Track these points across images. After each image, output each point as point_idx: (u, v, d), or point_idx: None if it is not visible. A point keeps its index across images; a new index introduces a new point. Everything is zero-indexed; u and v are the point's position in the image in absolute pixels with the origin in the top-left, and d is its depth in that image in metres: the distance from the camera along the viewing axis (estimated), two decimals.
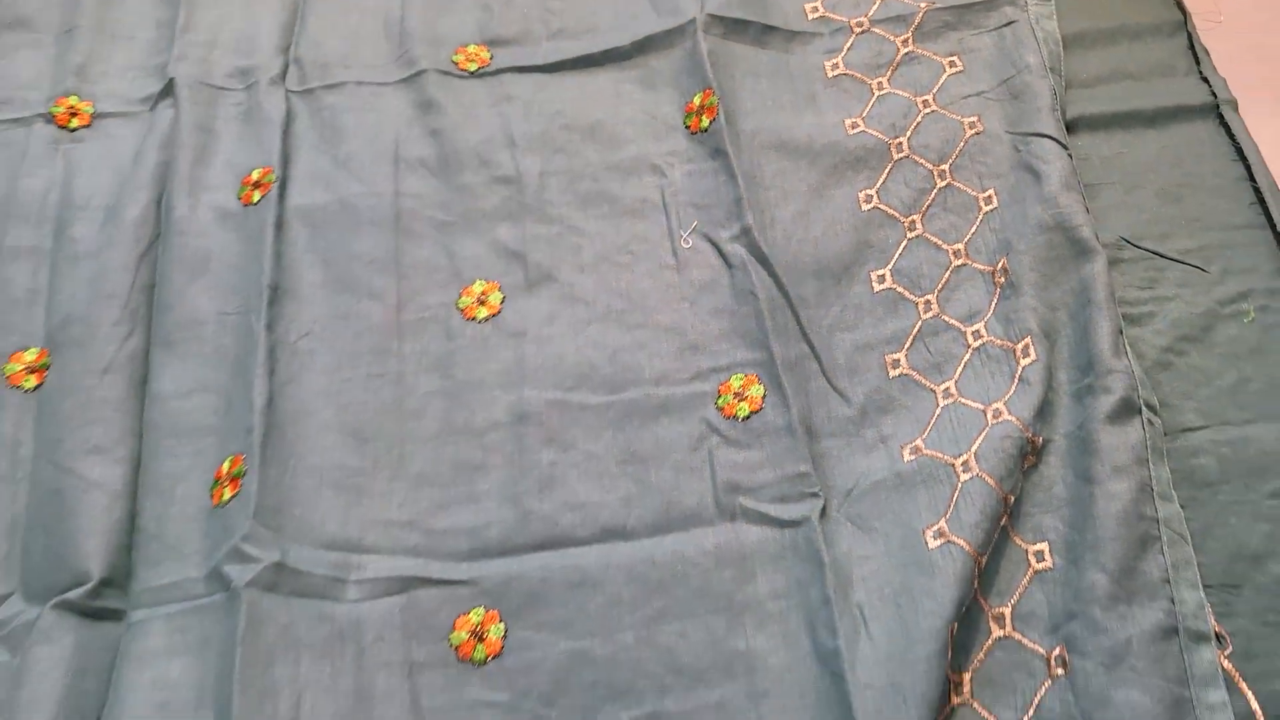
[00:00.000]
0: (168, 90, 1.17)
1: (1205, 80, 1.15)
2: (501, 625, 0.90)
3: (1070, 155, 1.06)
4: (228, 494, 0.94)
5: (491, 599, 0.91)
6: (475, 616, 0.90)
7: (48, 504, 0.94)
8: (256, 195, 1.10)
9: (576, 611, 0.90)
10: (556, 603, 0.90)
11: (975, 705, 0.85)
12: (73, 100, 1.17)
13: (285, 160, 1.12)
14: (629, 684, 0.87)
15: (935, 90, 1.15)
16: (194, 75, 1.18)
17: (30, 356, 1.03)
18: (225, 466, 0.96)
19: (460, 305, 1.05)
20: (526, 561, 0.92)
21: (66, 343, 1.02)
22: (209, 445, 0.98)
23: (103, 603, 0.90)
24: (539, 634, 0.89)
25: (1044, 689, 0.84)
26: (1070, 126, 1.12)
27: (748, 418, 0.97)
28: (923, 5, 1.20)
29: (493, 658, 0.89)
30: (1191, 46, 1.18)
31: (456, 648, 0.89)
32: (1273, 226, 1.05)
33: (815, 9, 1.23)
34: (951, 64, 1.16)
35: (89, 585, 0.89)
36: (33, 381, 1.02)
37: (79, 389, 0.99)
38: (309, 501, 0.94)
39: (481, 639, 0.89)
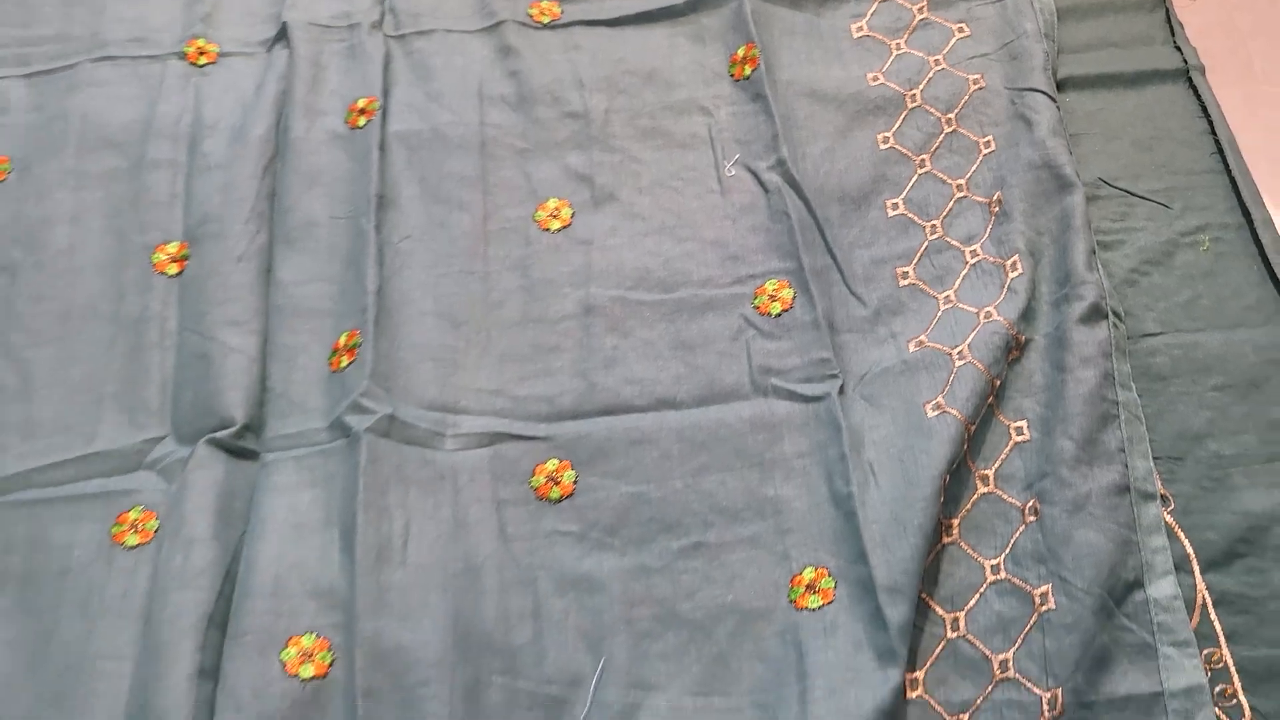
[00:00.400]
0: (282, 34, 1.36)
1: (1178, 49, 1.33)
2: (573, 472, 1.08)
3: (1058, 108, 1.25)
4: (345, 361, 1.13)
5: (564, 452, 1.09)
6: (551, 465, 1.09)
7: (194, 365, 1.13)
8: (362, 120, 1.29)
9: (634, 463, 1.08)
10: (618, 456, 1.09)
11: (962, 544, 1.04)
12: (200, 42, 1.36)
13: (385, 92, 1.30)
14: (677, 520, 1.05)
15: (945, 51, 1.33)
16: (304, 19, 1.36)
17: (172, 249, 1.22)
18: (342, 340, 1.15)
19: (536, 218, 1.24)
20: (593, 423, 1.11)
21: (204, 237, 1.21)
22: (325, 324, 1.17)
23: (243, 444, 1.08)
24: (603, 480, 1.08)
25: (1018, 532, 1.03)
26: (1060, 85, 1.30)
27: (779, 315, 1.16)
28: None
29: (565, 497, 1.07)
30: (1168, 20, 1.35)
31: (535, 489, 1.08)
32: (1229, 173, 1.23)
33: None
34: (960, 29, 1.35)
35: (233, 428, 1.08)
36: (175, 269, 1.21)
37: (217, 274, 1.18)
38: (412, 371, 1.13)
39: (556, 483, 1.08)
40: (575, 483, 1.08)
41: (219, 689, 0.93)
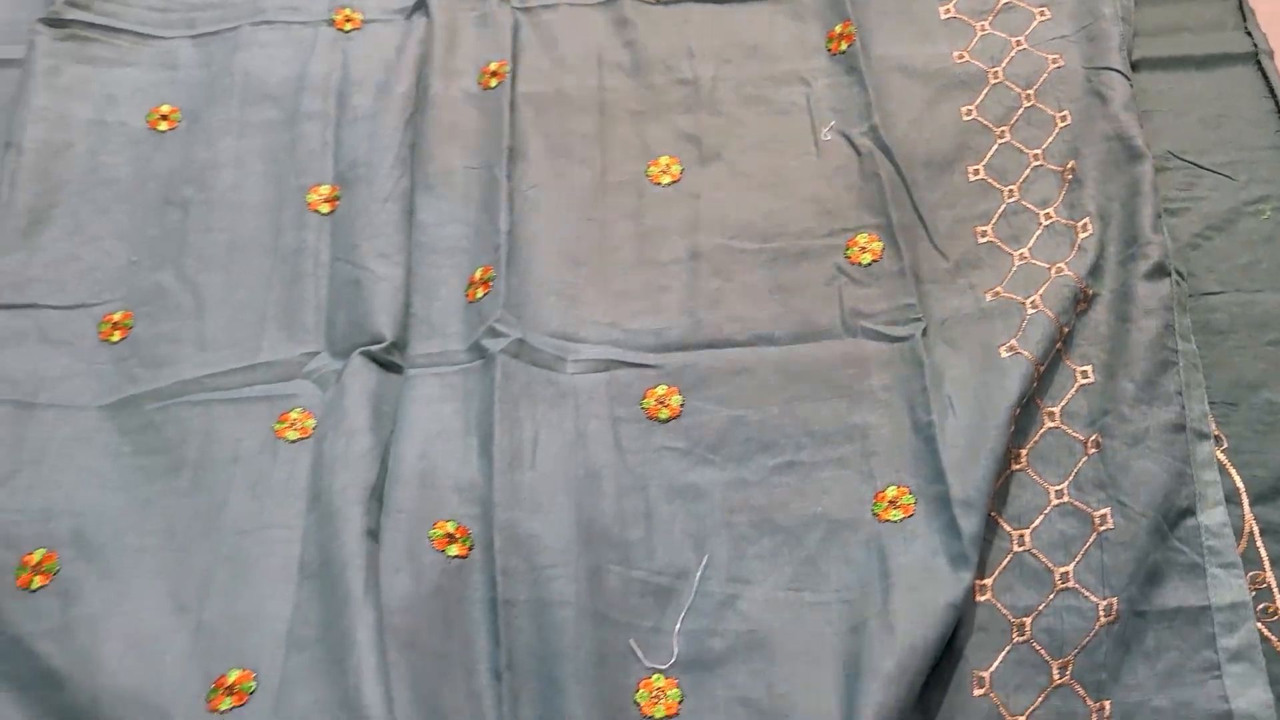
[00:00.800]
0: (420, 4, 1.49)
1: (1249, 34, 1.42)
2: (680, 397, 1.21)
3: (1132, 85, 1.35)
4: (480, 293, 1.27)
5: (672, 379, 1.22)
6: (660, 390, 1.21)
7: (347, 290, 1.27)
8: (493, 81, 1.42)
9: (735, 390, 1.21)
10: (720, 384, 1.21)
11: (1030, 472, 1.15)
12: (347, 11, 1.50)
13: (515, 57, 1.44)
14: (773, 441, 1.18)
15: (1027, 33, 1.44)
16: None
17: (324, 190, 1.36)
18: (478, 274, 1.28)
19: (649, 173, 1.37)
20: (698, 355, 1.23)
21: (353, 180, 1.35)
22: (462, 261, 1.30)
23: (391, 358, 1.23)
24: (707, 404, 1.20)
25: (1081, 462, 1.14)
26: (1134, 66, 1.39)
27: (869, 264, 1.28)
28: None
29: (673, 418, 1.20)
30: (1240, 6, 1.45)
31: (646, 410, 1.21)
32: None
33: None
34: (1041, 13, 1.45)
35: (383, 344, 1.22)
36: (327, 208, 1.35)
37: (365, 213, 1.32)
38: (538, 303, 1.26)
39: (665, 405, 1.21)
40: (682, 406, 1.21)
41: (381, 550, 1.07)
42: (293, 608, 1.07)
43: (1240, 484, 1.13)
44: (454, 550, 1.09)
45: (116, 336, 1.27)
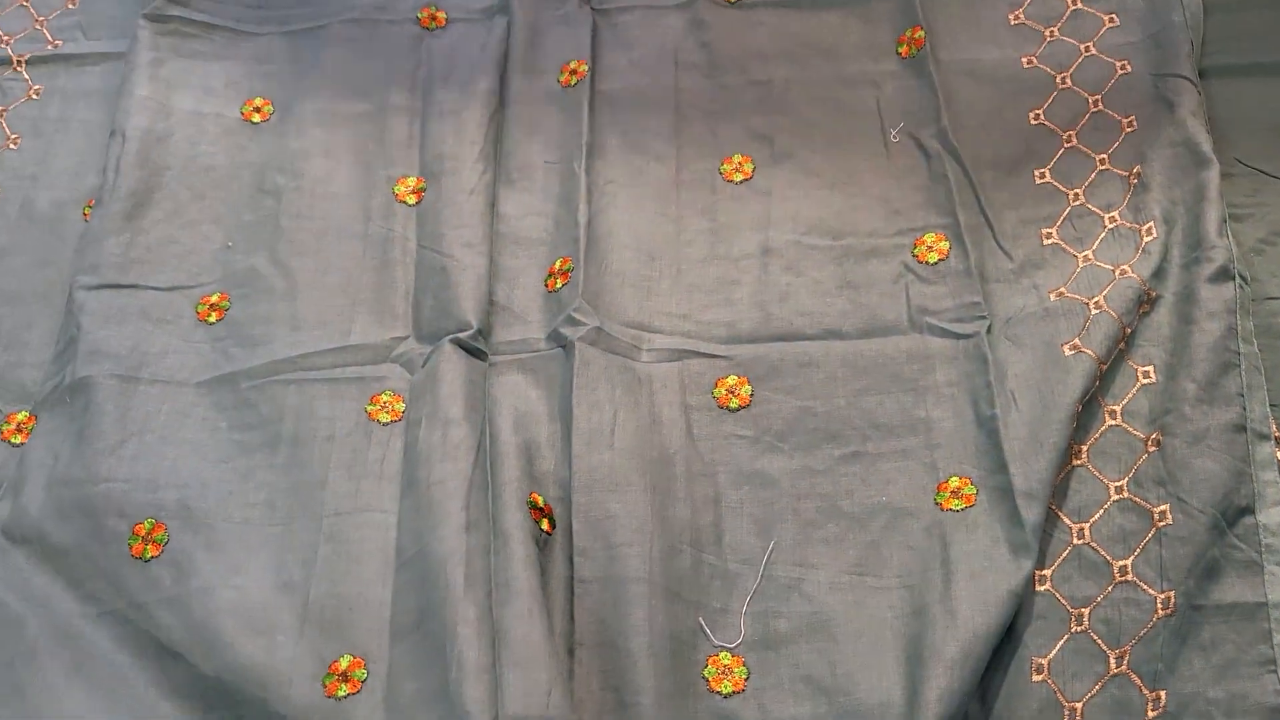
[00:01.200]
0: (503, 5, 1.55)
1: None
2: (749, 387, 1.26)
3: (1199, 92, 1.38)
4: (559, 283, 1.32)
5: (743, 369, 1.27)
6: (731, 380, 1.26)
7: (434, 277, 1.33)
8: (573, 80, 1.48)
9: (804, 382, 1.25)
10: (789, 375, 1.26)
11: (1090, 468, 1.18)
12: (432, 9, 1.57)
13: (594, 57, 1.49)
14: (839, 431, 1.22)
15: (1095, 39, 1.47)
16: None
17: (411, 182, 1.42)
18: (557, 265, 1.34)
19: (722, 171, 1.42)
20: (769, 347, 1.28)
21: (440, 172, 1.41)
22: (541, 251, 1.36)
23: (478, 345, 1.28)
24: (776, 395, 1.25)
25: (1141, 459, 1.17)
26: (1202, 73, 1.41)
27: (936, 263, 1.32)
28: None
29: (743, 407, 1.25)
30: None
31: (717, 399, 1.25)
32: None
33: None
34: (1110, 19, 1.48)
35: (470, 331, 1.28)
36: (413, 199, 1.41)
37: (452, 203, 1.38)
38: (614, 294, 1.31)
39: (735, 395, 1.25)
40: (751, 395, 1.25)
41: (493, 531, 1.12)
42: (392, 594, 1.13)
43: None
44: (544, 525, 1.14)
45: (213, 317, 1.34)
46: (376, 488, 1.19)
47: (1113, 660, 1.07)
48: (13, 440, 1.27)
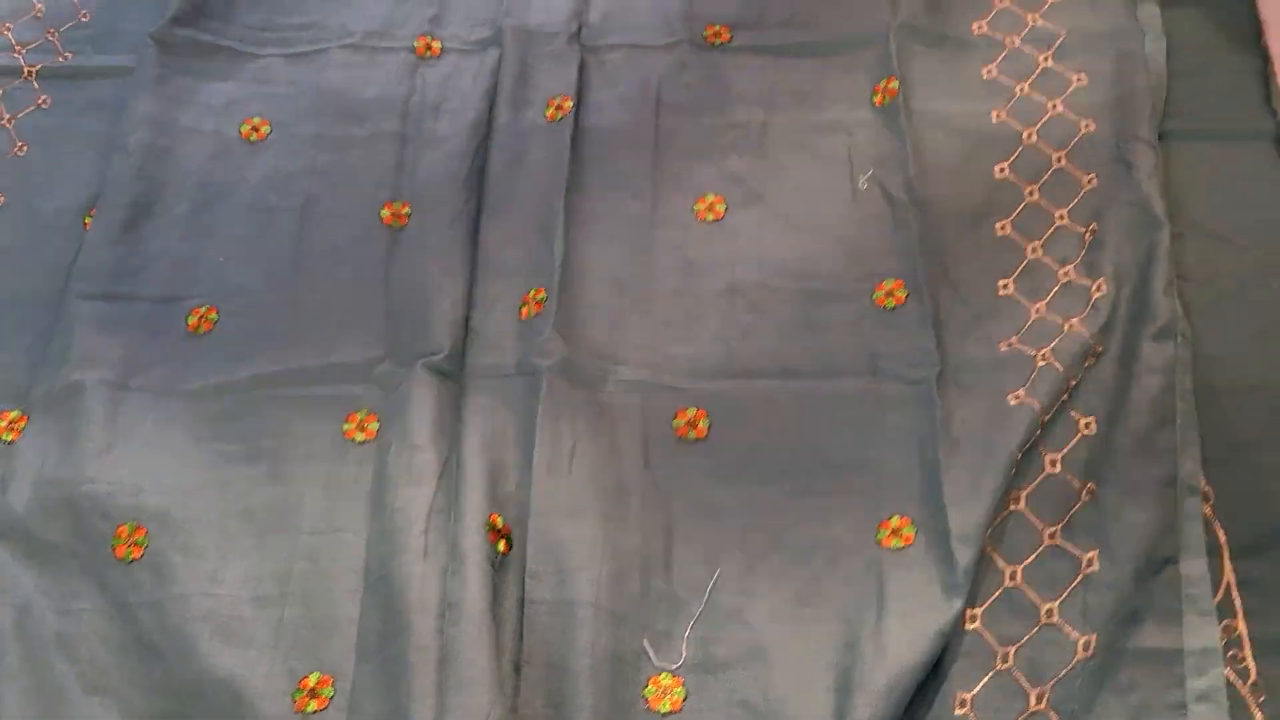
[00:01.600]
0: (496, 38, 1.62)
1: (1274, 113, 1.50)
2: (708, 420, 1.31)
3: (1157, 155, 1.43)
4: (532, 312, 1.38)
5: (703, 403, 1.32)
6: (691, 412, 1.31)
7: (412, 300, 1.38)
8: (559, 115, 1.54)
9: (761, 418, 1.30)
10: (747, 411, 1.31)
11: (1027, 513, 1.23)
12: (428, 39, 1.63)
13: (579, 93, 1.56)
14: (791, 468, 1.27)
15: (1063, 97, 1.52)
16: (516, 25, 1.62)
17: (397, 206, 1.49)
18: (531, 294, 1.39)
19: (695, 209, 1.47)
20: (729, 383, 1.33)
21: (425, 199, 1.47)
22: (518, 281, 1.41)
23: (449, 368, 1.34)
24: (733, 429, 1.30)
25: (1075, 507, 1.22)
26: (1162, 136, 1.45)
27: (894, 309, 1.37)
28: (1063, 31, 1.57)
29: (700, 440, 1.30)
30: (1268, 86, 1.52)
31: (676, 430, 1.31)
32: None
33: (980, 27, 1.61)
34: (1079, 79, 1.54)
35: (442, 355, 1.33)
36: (399, 224, 1.47)
37: (435, 230, 1.44)
38: (585, 325, 1.37)
39: (694, 427, 1.31)
40: (710, 429, 1.31)
41: (452, 553, 1.18)
42: (360, 615, 1.19)
43: (1223, 538, 1.21)
44: (500, 547, 1.20)
45: (202, 329, 1.40)
46: (350, 508, 1.25)
47: (1033, 698, 1.13)
48: (4, 438, 1.33)
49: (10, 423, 1.34)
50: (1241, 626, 1.17)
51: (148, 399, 1.33)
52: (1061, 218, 1.42)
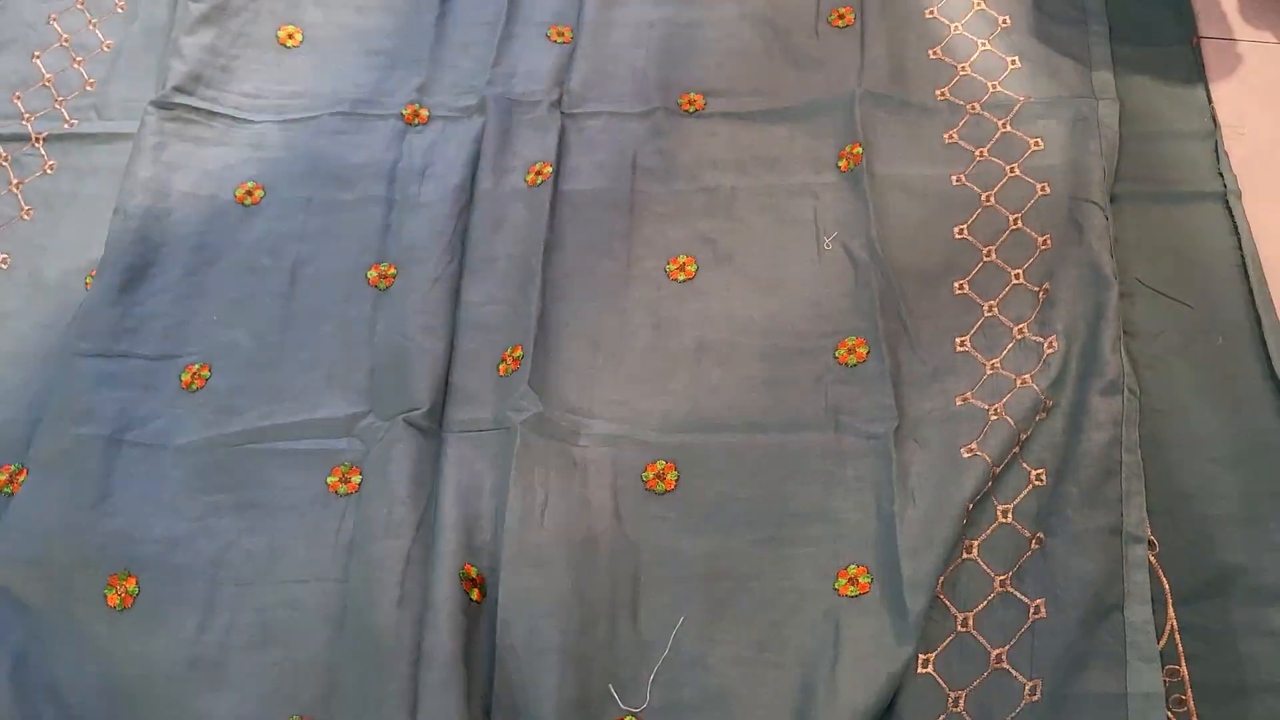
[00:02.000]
0: (481, 106, 1.70)
1: (1221, 175, 1.56)
2: (676, 473, 1.37)
3: (1107, 217, 1.49)
4: (509, 368, 1.44)
5: (671, 455, 1.38)
6: (659, 465, 1.38)
7: (395, 358, 1.45)
8: (538, 180, 1.61)
9: (727, 470, 1.36)
10: (714, 463, 1.37)
11: (979, 561, 1.29)
12: (416, 106, 1.71)
13: (559, 159, 1.63)
14: (756, 518, 1.33)
15: (1020, 161, 1.59)
16: (499, 94, 1.70)
17: (383, 268, 1.56)
18: (509, 351, 1.46)
19: (667, 269, 1.54)
20: (697, 436, 1.39)
21: (409, 260, 1.54)
22: (497, 338, 1.48)
23: (429, 424, 1.40)
24: (700, 481, 1.36)
25: (1025, 556, 1.28)
26: (1114, 198, 1.53)
27: (855, 365, 1.43)
28: (1021, 98, 1.64)
29: (668, 491, 1.36)
30: (1216, 149, 1.59)
31: (645, 482, 1.37)
32: (1248, 284, 1.47)
33: (943, 93, 1.68)
34: (1036, 143, 1.60)
35: (422, 410, 1.40)
36: (384, 284, 1.54)
37: (417, 290, 1.50)
38: (559, 381, 1.43)
39: (662, 479, 1.37)
40: (677, 481, 1.37)
41: (425, 602, 1.24)
42: (339, 661, 1.25)
43: (1167, 586, 1.26)
44: (474, 594, 1.26)
45: (195, 385, 1.46)
46: (331, 557, 1.32)
47: None
48: (4, 489, 1.39)
49: (10, 475, 1.40)
50: (1184, 671, 1.22)
51: (141, 453, 1.40)
52: (1017, 277, 1.49)
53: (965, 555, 1.29)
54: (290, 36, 1.80)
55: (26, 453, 1.41)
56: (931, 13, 1.74)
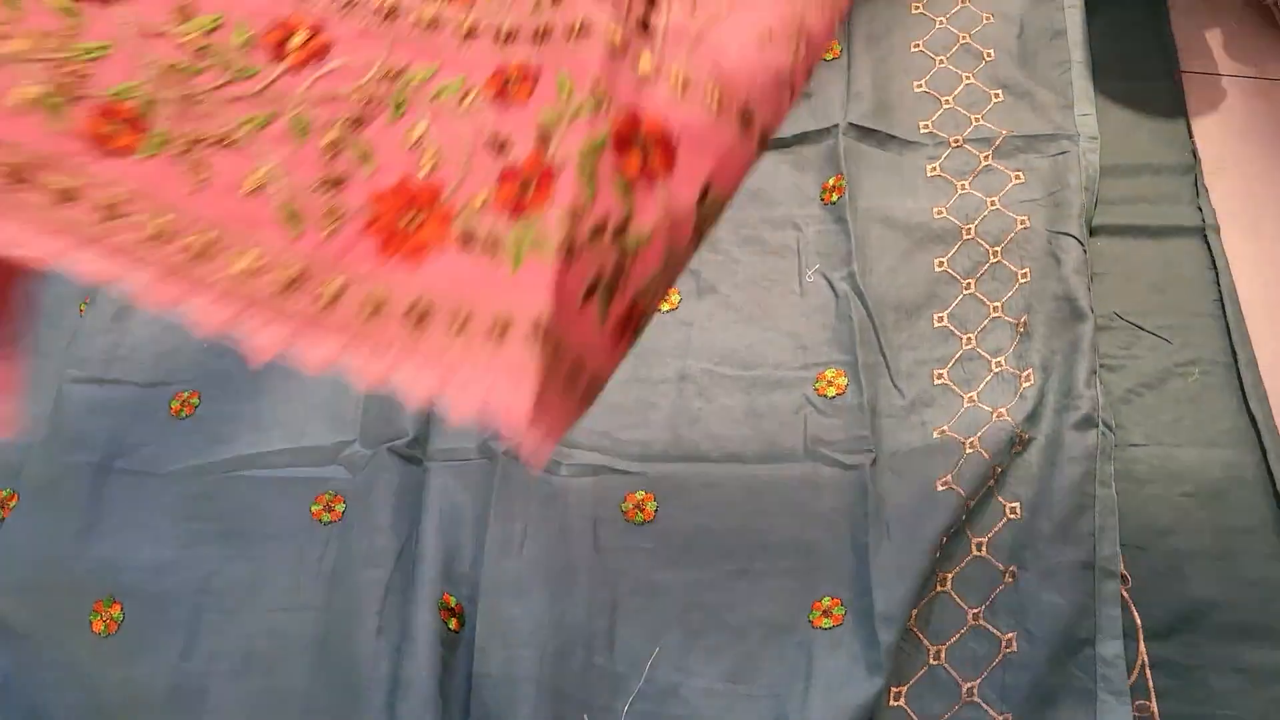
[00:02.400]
0: None
1: (1200, 209, 1.58)
2: (655, 503, 1.39)
3: (1085, 251, 1.50)
4: None
5: (650, 486, 1.40)
6: (639, 495, 1.40)
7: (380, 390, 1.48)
8: None
9: (705, 502, 1.38)
10: (692, 494, 1.39)
11: (952, 594, 1.31)
12: None
13: None
14: (732, 549, 1.35)
15: (1001, 194, 1.61)
16: None
17: None
18: None
19: None
20: (676, 466, 1.41)
21: None
22: None
23: (412, 452, 1.43)
24: (678, 511, 1.38)
25: (998, 590, 1.30)
26: (1094, 231, 1.56)
27: (834, 397, 1.45)
28: (1003, 132, 1.66)
29: (647, 522, 1.38)
30: (1195, 184, 1.61)
31: (624, 513, 1.39)
32: (1225, 318, 1.49)
33: (926, 126, 1.70)
34: (1017, 177, 1.62)
35: (406, 439, 1.42)
36: None
37: None
38: None
39: (641, 510, 1.39)
40: (656, 511, 1.39)
41: (403, 632, 1.26)
42: (319, 688, 1.27)
43: (1139, 621, 1.27)
44: (452, 624, 1.28)
45: (184, 413, 1.49)
46: (313, 585, 1.34)
47: None
48: None
49: (2, 501, 1.42)
50: (1154, 707, 1.23)
51: (129, 479, 1.42)
52: (996, 310, 1.50)
53: (939, 588, 1.31)
54: None
55: (18, 478, 1.44)
56: (917, 46, 1.76)
